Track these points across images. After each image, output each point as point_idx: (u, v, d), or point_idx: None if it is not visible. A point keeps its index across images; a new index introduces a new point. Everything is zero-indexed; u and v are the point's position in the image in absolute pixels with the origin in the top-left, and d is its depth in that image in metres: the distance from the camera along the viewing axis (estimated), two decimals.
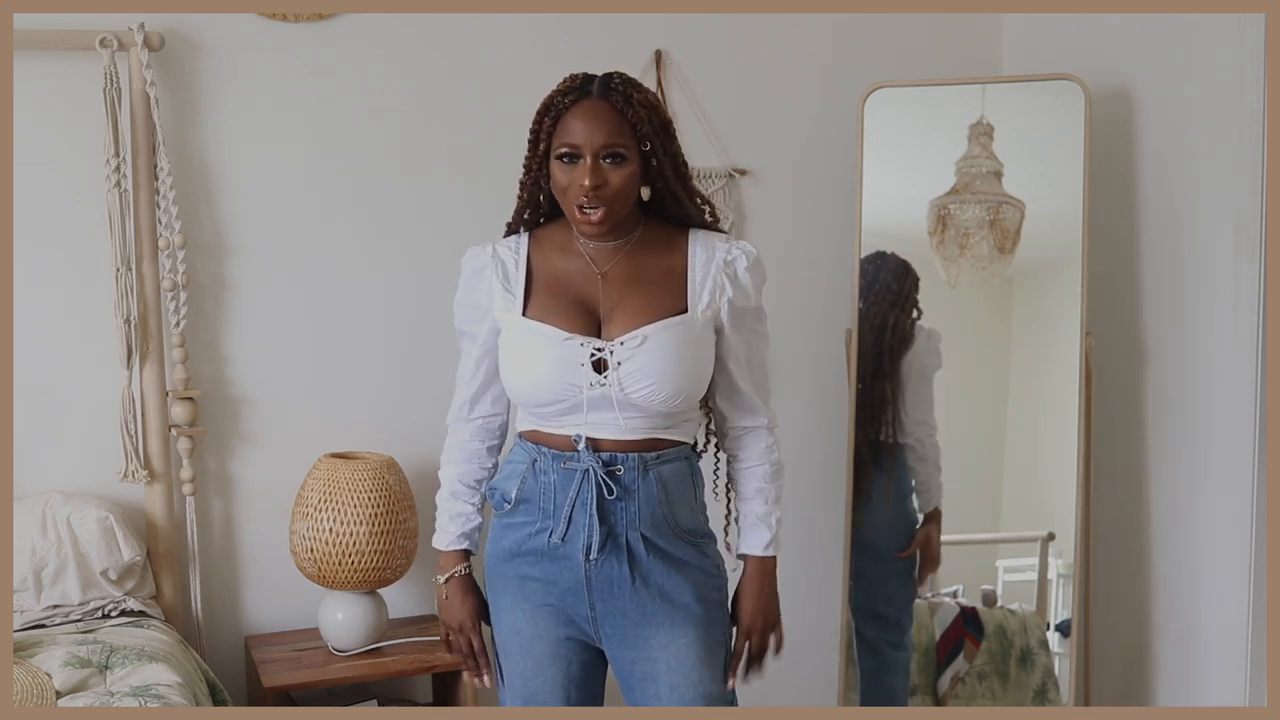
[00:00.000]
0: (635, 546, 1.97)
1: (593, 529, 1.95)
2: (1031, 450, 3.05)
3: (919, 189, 3.02)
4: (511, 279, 2.02)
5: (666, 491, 1.98)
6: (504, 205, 2.93)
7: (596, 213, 1.92)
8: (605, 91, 1.92)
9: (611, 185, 1.91)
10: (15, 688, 2.11)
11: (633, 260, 2.01)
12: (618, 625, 2.00)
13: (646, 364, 1.92)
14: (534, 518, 2.00)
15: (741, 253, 2.01)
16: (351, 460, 2.71)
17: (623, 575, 1.97)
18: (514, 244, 2.06)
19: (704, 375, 2.00)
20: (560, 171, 1.94)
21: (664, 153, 1.96)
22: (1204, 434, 2.80)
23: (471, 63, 2.91)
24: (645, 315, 1.95)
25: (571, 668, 2.04)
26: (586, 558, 1.97)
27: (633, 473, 1.96)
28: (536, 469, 2.00)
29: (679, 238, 2.04)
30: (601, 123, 1.90)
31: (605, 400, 1.93)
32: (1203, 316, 2.79)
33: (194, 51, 2.72)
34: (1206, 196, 2.76)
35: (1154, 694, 2.97)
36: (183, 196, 2.71)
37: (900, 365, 3.02)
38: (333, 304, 2.87)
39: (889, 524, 3.05)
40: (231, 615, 2.86)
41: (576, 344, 1.94)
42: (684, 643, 1.99)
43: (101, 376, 2.67)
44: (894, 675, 3.03)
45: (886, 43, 3.20)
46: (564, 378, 1.93)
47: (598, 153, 1.90)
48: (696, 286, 1.99)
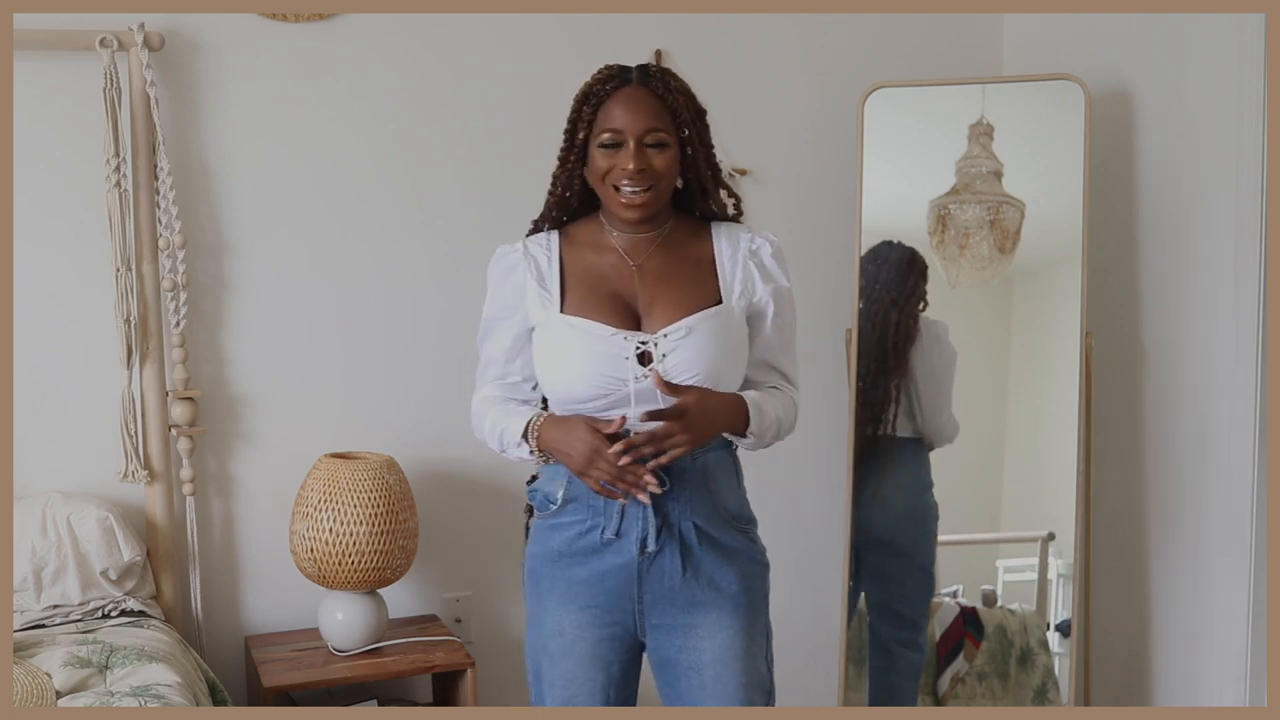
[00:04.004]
0: (688, 536, 2.00)
1: (648, 522, 1.97)
2: (1031, 450, 3.05)
3: (919, 189, 3.02)
4: (546, 277, 2.03)
5: (714, 479, 2.01)
6: (503, 205, 2.95)
7: (640, 195, 1.95)
8: (645, 79, 1.97)
9: (655, 168, 1.96)
10: (15, 688, 2.11)
11: (665, 253, 2.04)
12: (665, 614, 2.02)
13: (692, 355, 1.95)
14: (583, 516, 2.01)
15: (765, 241, 2.07)
16: (351, 460, 2.71)
17: (675, 565, 1.99)
18: (544, 241, 2.07)
19: (743, 363, 2.04)
20: (602, 157, 1.97)
21: (699, 141, 2.01)
22: (1204, 434, 2.80)
23: (471, 63, 2.91)
24: (685, 307, 1.98)
25: (612, 669, 2.05)
26: (642, 551, 1.98)
27: (682, 462, 1.97)
28: None
29: (703, 231, 2.08)
30: (644, 108, 1.95)
31: (651, 393, 1.94)
32: (1203, 316, 2.78)
33: (194, 51, 2.72)
34: (1206, 196, 2.76)
35: (1154, 694, 2.97)
36: (183, 196, 2.71)
37: (909, 359, 3.01)
38: (333, 304, 2.87)
39: (906, 519, 3.04)
40: (231, 615, 2.86)
41: (621, 338, 1.96)
42: (730, 633, 2.01)
43: (101, 376, 2.67)
44: (904, 678, 3.03)
45: (886, 43, 3.20)
46: (609, 372, 1.95)
47: (640, 137, 1.95)
48: (727, 277, 2.03)
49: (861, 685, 3.05)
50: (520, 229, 2.92)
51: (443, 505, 2.94)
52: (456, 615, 3.01)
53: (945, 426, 3.01)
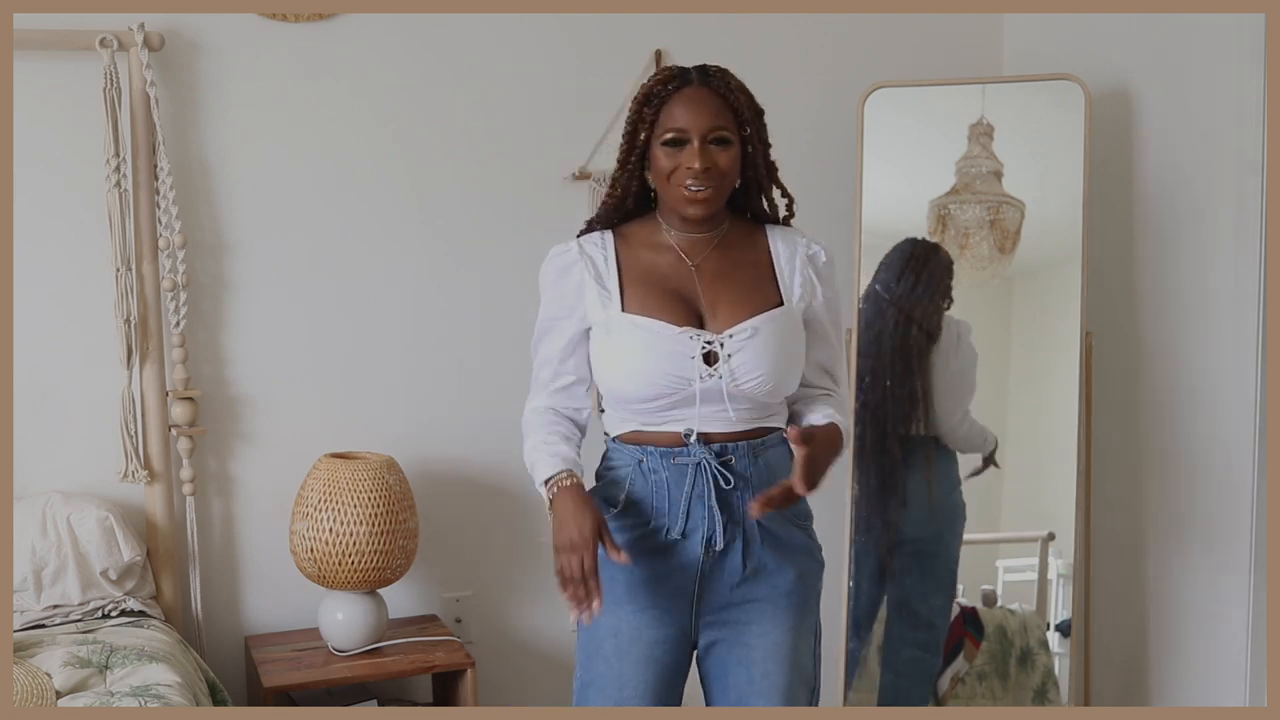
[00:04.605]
0: (751, 534, 2.00)
1: (714, 520, 1.98)
2: (1031, 450, 3.05)
3: (919, 189, 3.02)
4: (604, 276, 2.03)
5: (775, 476, 2.01)
6: (503, 205, 2.95)
7: (705, 191, 1.96)
8: (705, 78, 1.99)
9: (720, 166, 1.97)
10: (15, 688, 2.11)
11: (722, 253, 2.05)
12: (720, 612, 2.03)
13: (757, 355, 1.96)
14: (646, 517, 2.01)
15: (820, 248, 2.09)
16: (351, 460, 2.71)
17: (735, 563, 2.00)
18: (599, 240, 2.07)
19: (801, 364, 2.06)
20: (666, 157, 1.98)
21: (759, 140, 2.03)
22: (1204, 434, 2.80)
23: (471, 63, 2.91)
24: (749, 308, 2.00)
25: (666, 671, 2.05)
26: (708, 550, 1.99)
27: (744, 460, 1.99)
28: (644, 469, 2.01)
29: (758, 233, 2.10)
30: (707, 107, 1.97)
31: (716, 392, 1.95)
32: (1203, 316, 2.79)
33: (194, 51, 2.72)
34: (1206, 196, 2.76)
35: (1154, 694, 2.97)
36: (183, 196, 2.71)
37: (930, 360, 3.00)
38: (333, 304, 2.87)
39: (935, 518, 3.03)
40: (231, 615, 2.86)
41: (687, 336, 1.96)
42: (781, 631, 2.04)
43: (101, 376, 2.67)
44: (916, 683, 3.02)
45: (886, 43, 3.20)
46: (674, 370, 1.95)
47: (705, 135, 1.96)
48: (786, 280, 2.05)
49: (866, 686, 3.05)
50: (519, 230, 2.96)
51: (443, 505, 2.94)
52: (456, 615, 3.01)
53: (959, 429, 2.99)
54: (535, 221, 2.95)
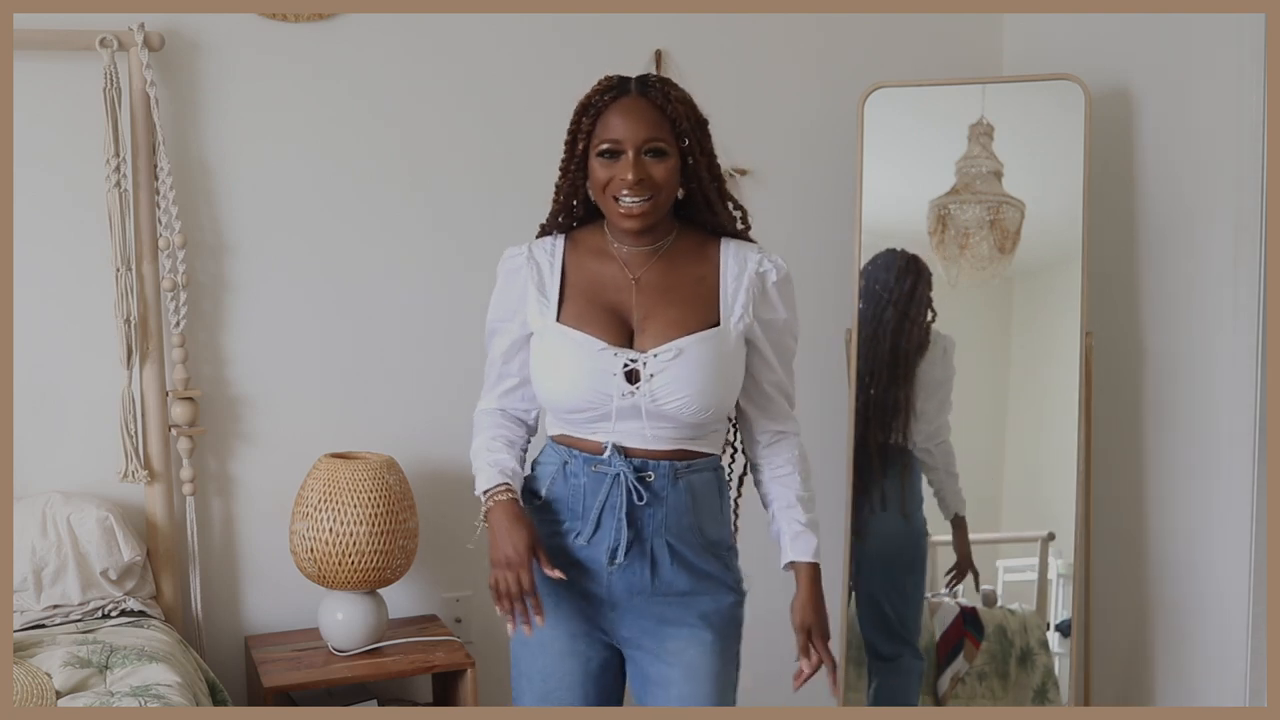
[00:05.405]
0: (659, 554, 1.98)
1: (620, 533, 1.96)
2: (1031, 450, 3.05)
3: (919, 189, 3.02)
4: (547, 284, 2.02)
5: (695, 501, 1.99)
6: (502, 204, 2.95)
7: (639, 204, 1.93)
8: (644, 89, 1.96)
9: (654, 178, 1.93)
10: (15, 688, 2.11)
11: (665, 266, 2.01)
12: (635, 629, 2.01)
13: (679, 377, 1.93)
14: (560, 518, 2.01)
15: (772, 266, 2.02)
16: (351, 460, 2.71)
17: (644, 580, 1.98)
18: (549, 246, 2.06)
19: (735, 389, 2.01)
20: (601, 168, 1.95)
21: (700, 151, 1.98)
22: (1204, 434, 2.80)
23: (471, 62, 2.91)
24: (679, 327, 1.96)
25: (590, 665, 2.04)
26: (611, 561, 1.97)
27: (664, 480, 1.97)
28: (567, 471, 2.01)
29: (710, 246, 2.05)
30: (642, 118, 1.93)
31: (634, 410, 1.94)
32: (1203, 316, 2.78)
33: (194, 51, 2.72)
34: (1206, 196, 2.76)
35: (1154, 694, 2.97)
36: (183, 196, 2.71)
37: (916, 371, 3.00)
38: (333, 304, 2.87)
39: (900, 531, 3.04)
40: (231, 615, 2.86)
41: (611, 354, 1.94)
42: (697, 650, 2.00)
43: (101, 376, 2.67)
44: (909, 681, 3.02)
45: (886, 43, 3.20)
46: (595, 386, 1.94)
47: (640, 147, 1.93)
48: (729, 298, 2.00)
49: (862, 685, 3.05)
50: (519, 229, 2.92)
51: (443, 505, 2.94)
52: (456, 615, 3.01)
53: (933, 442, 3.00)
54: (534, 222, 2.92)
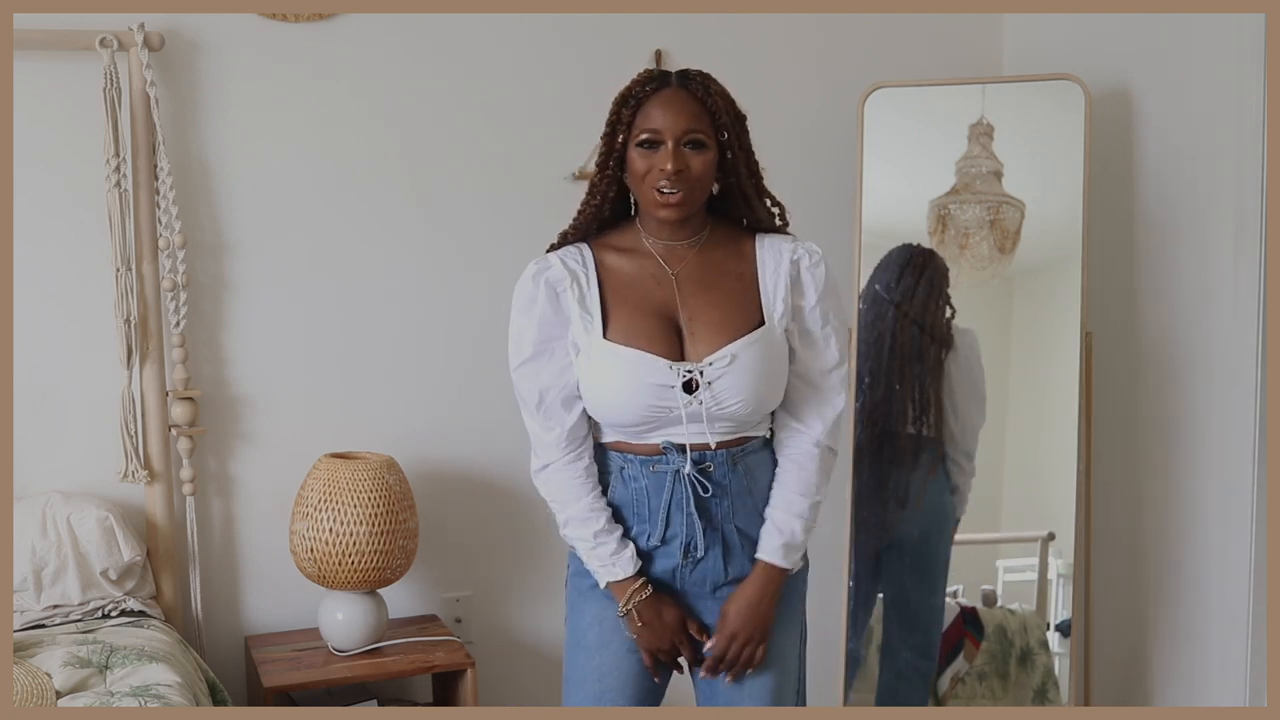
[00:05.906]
0: (731, 539, 2.01)
1: (694, 527, 1.98)
2: (1031, 450, 3.05)
3: (919, 189, 3.02)
4: (587, 298, 2.00)
5: (754, 480, 2.02)
6: (502, 205, 2.95)
7: (676, 194, 1.94)
8: (684, 81, 1.97)
9: (693, 170, 1.94)
10: (15, 688, 2.11)
11: (703, 260, 2.02)
12: (703, 615, 2.03)
13: (737, 381, 1.95)
14: (627, 523, 2.02)
15: (805, 252, 2.04)
16: (351, 460, 2.71)
17: (717, 569, 2.01)
18: (578, 256, 2.04)
19: (783, 382, 2.03)
20: (640, 158, 1.96)
21: (739, 145, 2.00)
22: (1204, 433, 2.80)
23: (471, 62, 2.91)
24: (729, 331, 1.97)
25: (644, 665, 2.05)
26: (686, 556, 1.99)
27: (723, 468, 1.99)
28: (625, 476, 2.01)
29: (745, 242, 2.06)
30: (683, 110, 1.94)
31: (695, 415, 1.95)
32: (1203, 316, 2.79)
33: (194, 51, 2.72)
34: (1206, 196, 2.76)
35: (1154, 694, 2.97)
36: (183, 196, 2.71)
37: (945, 366, 2.99)
38: (333, 303, 2.87)
39: (925, 520, 3.03)
40: (231, 615, 2.86)
41: (666, 367, 1.95)
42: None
43: (101, 376, 2.67)
44: (914, 687, 3.02)
45: (886, 43, 3.20)
46: (653, 401, 1.95)
47: (679, 138, 1.94)
48: (769, 294, 2.01)
49: (865, 686, 3.05)
50: (518, 229, 2.95)
51: (443, 505, 2.95)
52: (456, 615, 3.01)
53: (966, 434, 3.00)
54: (534, 222, 2.92)
